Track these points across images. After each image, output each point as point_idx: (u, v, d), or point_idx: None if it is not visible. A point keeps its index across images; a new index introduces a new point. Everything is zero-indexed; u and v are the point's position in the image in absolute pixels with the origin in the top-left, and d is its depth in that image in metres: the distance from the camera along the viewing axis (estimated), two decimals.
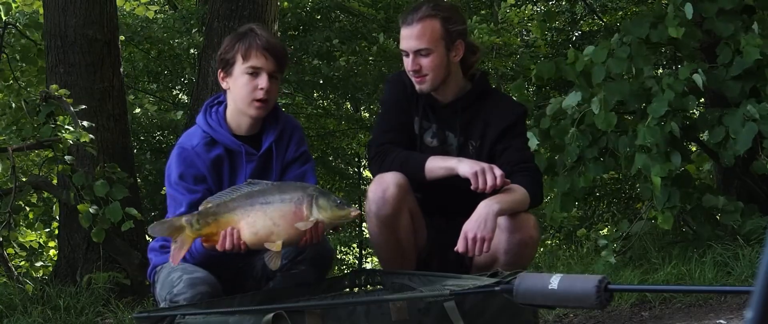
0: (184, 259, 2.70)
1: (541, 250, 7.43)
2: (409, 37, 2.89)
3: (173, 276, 2.64)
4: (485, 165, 2.71)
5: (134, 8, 10.34)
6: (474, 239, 2.64)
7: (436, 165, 2.81)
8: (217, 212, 2.54)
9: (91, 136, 5.37)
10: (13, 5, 7.86)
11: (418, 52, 2.88)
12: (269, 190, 2.55)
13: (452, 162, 2.79)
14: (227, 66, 2.77)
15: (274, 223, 2.51)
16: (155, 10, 11.18)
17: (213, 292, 2.60)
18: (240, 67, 2.74)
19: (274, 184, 2.61)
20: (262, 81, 2.72)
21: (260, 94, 2.72)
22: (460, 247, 2.66)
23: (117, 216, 5.26)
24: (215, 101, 2.88)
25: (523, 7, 11.29)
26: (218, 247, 2.53)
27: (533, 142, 4.88)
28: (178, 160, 2.76)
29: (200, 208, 2.57)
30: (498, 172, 2.70)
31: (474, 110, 2.99)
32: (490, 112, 2.98)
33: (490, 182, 2.67)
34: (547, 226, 8.63)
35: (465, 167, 2.73)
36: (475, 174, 2.69)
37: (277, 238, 2.52)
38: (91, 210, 5.25)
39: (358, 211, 2.59)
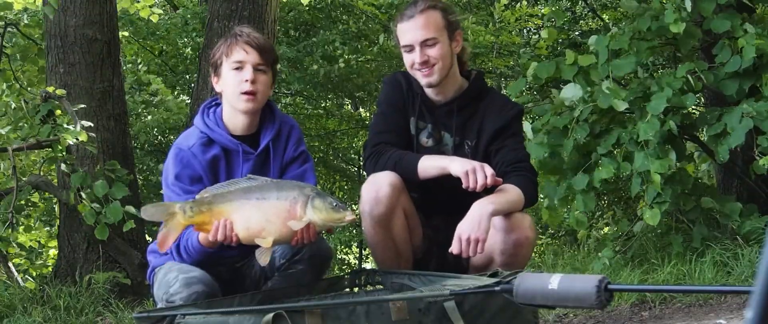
0: (182, 259, 2.70)
1: (542, 249, 7.42)
2: (414, 29, 2.89)
3: (170, 276, 2.65)
4: (476, 164, 2.71)
5: (138, 11, 10.29)
6: (468, 240, 2.63)
7: (429, 164, 2.81)
8: (212, 202, 2.54)
9: (91, 134, 5.37)
10: (16, 6, 7.86)
11: (424, 43, 2.88)
12: (267, 186, 2.56)
13: (444, 161, 2.79)
14: (217, 68, 2.82)
15: (267, 219, 2.52)
16: (157, 12, 11.14)
17: (209, 291, 2.60)
18: (226, 65, 2.78)
19: (272, 181, 2.62)
20: (247, 73, 2.75)
21: (246, 87, 2.74)
22: (454, 248, 2.66)
23: (117, 215, 5.25)
24: (212, 103, 2.90)
25: (518, 5, 11.28)
26: (210, 237, 2.54)
27: (528, 134, 4.88)
28: (174, 160, 2.77)
29: (196, 196, 2.59)
30: (489, 171, 2.69)
31: (470, 110, 2.99)
32: (485, 112, 2.98)
33: (480, 181, 2.66)
34: (550, 227, 8.60)
35: (456, 166, 2.72)
36: (466, 173, 2.68)
37: (268, 235, 2.52)
38: (93, 207, 5.23)
39: (353, 216, 2.56)
